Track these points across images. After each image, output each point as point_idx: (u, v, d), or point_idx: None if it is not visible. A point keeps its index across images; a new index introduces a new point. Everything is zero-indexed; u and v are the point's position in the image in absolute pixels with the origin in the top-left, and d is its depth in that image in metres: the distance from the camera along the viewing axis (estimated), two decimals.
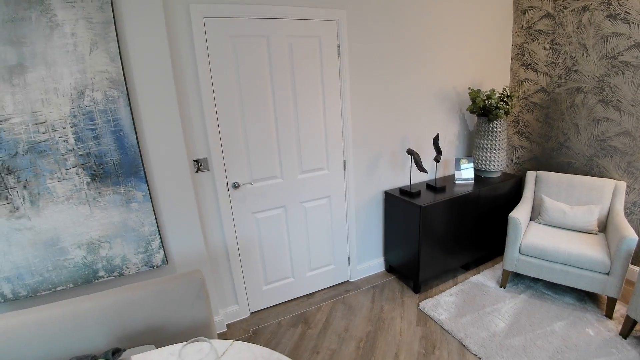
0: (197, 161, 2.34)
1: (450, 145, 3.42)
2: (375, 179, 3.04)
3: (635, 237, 2.27)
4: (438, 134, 2.92)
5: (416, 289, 2.93)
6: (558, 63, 3.21)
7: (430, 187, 3.03)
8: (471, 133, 3.57)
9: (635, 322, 2.26)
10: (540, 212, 2.96)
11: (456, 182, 3.15)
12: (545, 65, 3.31)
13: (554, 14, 3.15)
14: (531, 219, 3.09)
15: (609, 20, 2.80)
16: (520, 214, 2.79)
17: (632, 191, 2.88)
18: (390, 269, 3.28)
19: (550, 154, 3.40)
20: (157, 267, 2.21)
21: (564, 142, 3.28)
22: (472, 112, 3.12)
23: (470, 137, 3.57)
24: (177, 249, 2.30)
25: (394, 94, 2.94)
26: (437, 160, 2.93)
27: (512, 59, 3.60)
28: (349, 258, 3.10)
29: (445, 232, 2.88)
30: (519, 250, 2.72)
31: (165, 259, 2.24)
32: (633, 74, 2.74)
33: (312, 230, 2.87)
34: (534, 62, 3.40)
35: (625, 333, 2.33)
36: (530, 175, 3.19)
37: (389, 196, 3.00)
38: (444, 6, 3.00)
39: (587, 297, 2.73)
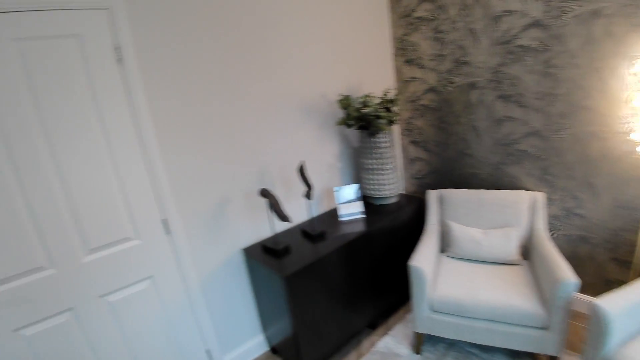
0: None
1: (332, 169, 2.61)
2: (227, 235, 2.09)
3: (572, 280, 1.65)
4: (302, 163, 2.08)
5: None
6: (445, 55, 2.62)
7: (306, 234, 2.19)
8: (357, 151, 2.82)
9: None
10: (450, 243, 2.30)
11: (340, 219, 2.35)
12: (431, 60, 2.71)
13: None
14: (443, 250, 2.42)
15: None
16: (423, 256, 2.05)
17: (553, 203, 2.36)
18: (274, 349, 2.36)
19: (452, 164, 2.80)
20: None
21: (464, 150, 2.69)
22: (346, 125, 2.35)
23: (356, 155, 2.83)
24: None
25: (236, 112, 2.03)
26: (308, 196, 2.10)
27: (395, 54, 2.97)
28: (208, 351, 2.12)
29: (333, 293, 2.05)
30: (430, 306, 1.99)
31: None
32: (533, 60, 2.22)
33: (133, 331, 1.83)
34: (419, 57, 2.79)
35: None
36: (433, 196, 2.52)
37: (249, 255, 2.09)
38: None
39: (522, 352, 2.10)
